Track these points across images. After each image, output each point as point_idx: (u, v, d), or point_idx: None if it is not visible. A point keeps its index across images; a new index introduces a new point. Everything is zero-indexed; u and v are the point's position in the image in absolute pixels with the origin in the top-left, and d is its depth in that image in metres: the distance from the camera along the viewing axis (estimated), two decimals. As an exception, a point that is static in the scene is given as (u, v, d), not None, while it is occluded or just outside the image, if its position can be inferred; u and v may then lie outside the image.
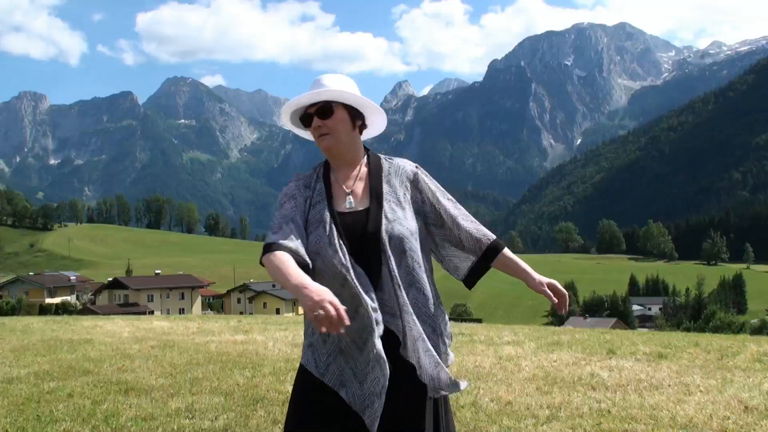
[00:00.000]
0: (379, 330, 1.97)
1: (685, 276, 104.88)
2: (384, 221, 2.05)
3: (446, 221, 2.18)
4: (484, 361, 5.72)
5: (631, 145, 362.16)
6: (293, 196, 2.12)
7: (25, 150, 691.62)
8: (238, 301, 63.93)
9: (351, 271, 1.97)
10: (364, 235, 2.03)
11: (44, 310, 52.98)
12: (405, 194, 2.15)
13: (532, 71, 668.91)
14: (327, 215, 2.05)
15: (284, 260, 1.92)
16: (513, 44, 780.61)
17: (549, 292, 2.12)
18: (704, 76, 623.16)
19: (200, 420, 3.95)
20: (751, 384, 4.65)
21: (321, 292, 1.79)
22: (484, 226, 2.21)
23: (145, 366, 5.69)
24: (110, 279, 68.46)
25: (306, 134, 2.23)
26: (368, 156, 2.21)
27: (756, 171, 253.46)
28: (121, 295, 59.03)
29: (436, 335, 2.10)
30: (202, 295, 65.18)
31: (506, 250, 2.20)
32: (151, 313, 45.65)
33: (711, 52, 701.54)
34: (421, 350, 2.02)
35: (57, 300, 64.03)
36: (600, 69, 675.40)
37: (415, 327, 2.02)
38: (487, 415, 3.95)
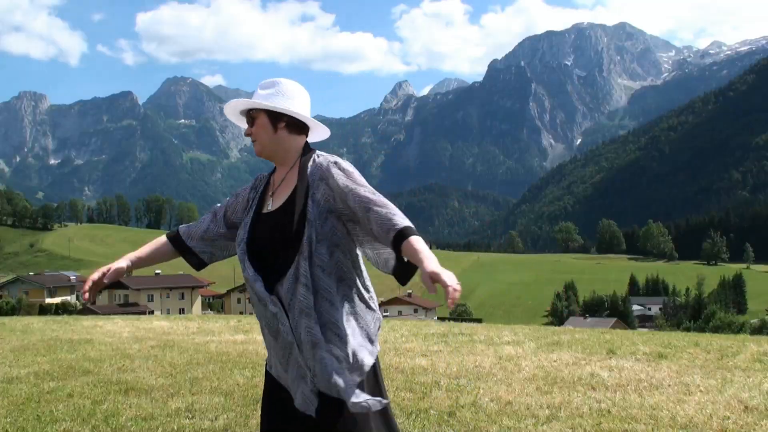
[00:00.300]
0: (273, 329, 2.08)
1: (685, 276, 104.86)
2: (288, 223, 2.08)
3: (358, 214, 2.07)
4: (484, 361, 5.72)
5: (631, 145, 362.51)
6: (237, 194, 2.33)
7: (25, 150, 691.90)
8: (238, 301, 63.98)
9: (249, 270, 2.10)
10: (272, 237, 2.11)
11: (44, 310, 52.99)
12: (315, 193, 2.12)
13: (532, 71, 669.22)
14: (249, 218, 2.20)
15: (154, 246, 2.30)
16: (513, 44, 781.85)
17: (429, 282, 1.88)
18: (704, 76, 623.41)
19: (200, 420, 3.95)
20: (751, 384, 4.66)
21: (103, 270, 2.22)
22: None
23: (145, 366, 5.69)
24: (110, 279, 68.39)
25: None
26: (302, 156, 2.22)
27: (756, 171, 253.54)
28: (121, 295, 59.03)
29: (342, 343, 2.04)
30: (202, 295, 65.20)
31: (412, 239, 1.98)
32: (151, 313, 45.67)
33: (711, 52, 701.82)
34: (317, 358, 2.01)
35: (57, 300, 64.04)
36: (600, 69, 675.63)
37: (313, 332, 2.02)
38: (487, 415, 3.95)
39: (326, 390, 2.01)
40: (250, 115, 2.23)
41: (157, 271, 72.18)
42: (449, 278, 1.85)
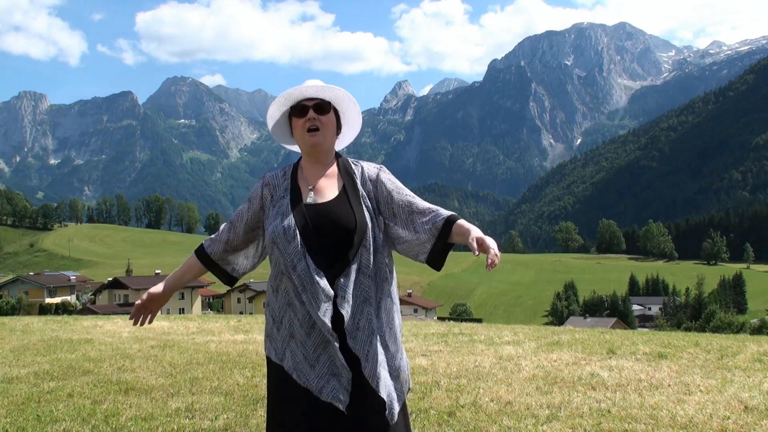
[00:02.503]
0: (326, 317, 2.06)
1: (685, 276, 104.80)
2: (355, 214, 2.15)
3: (402, 216, 2.24)
4: (484, 361, 5.72)
5: (631, 145, 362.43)
6: (249, 198, 2.31)
7: (25, 150, 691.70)
8: (238, 300, 63.91)
9: (304, 259, 2.07)
10: (328, 227, 2.12)
11: (44, 310, 53.03)
12: (368, 194, 2.26)
13: (532, 71, 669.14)
14: (287, 207, 2.16)
15: (183, 264, 2.34)
16: (513, 44, 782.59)
17: (474, 244, 2.09)
18: (704, 76, 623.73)
19: (200, 420, 3.95)
20: (751, 384, 4.66)
21: (143, 297, 2.30)
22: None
23: (145, 366, 5.70)
24: (110, 279, 68.38)
25: (284, 131, 2.36)
26: (338, 159, 2.33)
27: (756, 171, 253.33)
28: (121, 295, 58.95)
29: (392, 332, 2.18)
30: (202, 295, 65.08)
31: (459, 221, 2.20)
32: (151, 312, 45.56)
33: (711, 51, 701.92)
34: (370, 346, 2.09)
35: (57, 300, 64.00)
36: (600, 69, 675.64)
37: (374, 320, 2.12)
38: (487, 415, 3.95)
39: (370, 378, 2.06)
40: (323, 104, 2.24)
41: (157, 271, 72.20)
42: (492, 244, 2.07)
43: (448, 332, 7.88)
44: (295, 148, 2.39)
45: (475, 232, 2.13)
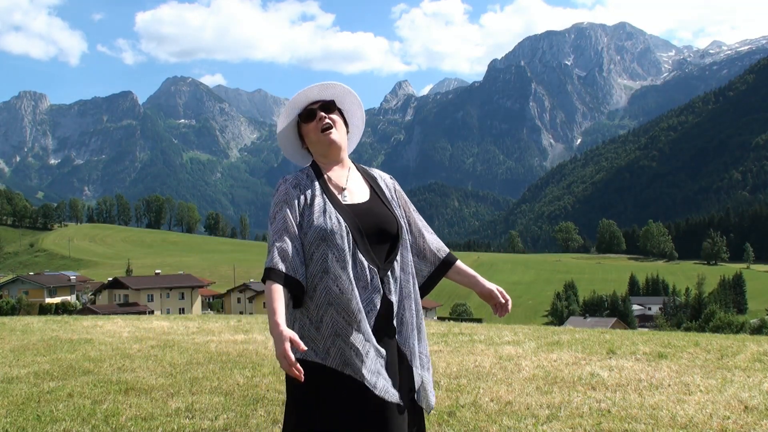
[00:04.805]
0: (374, 313, 2.11)
1: (685, 276, 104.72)
2: (394, 214, 2.24)
3: (413, 230, 2.37)
4: (484, 360, 5.73)
5: (631, 145, 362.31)
6: (285, 200, 2.17)
7: (25, 150, 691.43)
8: (238, 300, 63.88)
9: (358, 257, 2.11)
10: (373, 226, 2.17)
11: (44, 310, 53.00)
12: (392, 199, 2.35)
13: (532, 71, 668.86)
14: (330, 206, 2.15)
15: (273, 295, 2.02)
16: (513, 44, 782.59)
17: (498, 295, 2.35)
18: (704, 75, 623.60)
19: (200, 420, 3.95)
20: (751, 384, 4.66)
21: (284, 340, 1.92)
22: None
23: (145, 366, 5.70)
24: (110, 279, 68.38)
25: (295, 145, 2.36)
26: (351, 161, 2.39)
27: (756, 171, 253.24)
28: (121, 295, 58.94)
29: (422, 325, 2.27)
30: (202, 295, 65.10)
31: (459, 262, 2.41)
32: (151, 312, 45.68)
33: (711, 51, 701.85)
34: (415, 340, 2.20)
35: (57, 300, 63.98)
36: (600, 69, 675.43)
37: (414, 318, 2.21)
38: (487, 414, 3.95)
39: (415, 371, 2.17)
40: (328, 104, 2.29)
41: (157, 271, 72.21)
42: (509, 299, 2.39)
43: (448, 332, 7.88)
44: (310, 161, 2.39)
45: (489, 283, 2.39)
